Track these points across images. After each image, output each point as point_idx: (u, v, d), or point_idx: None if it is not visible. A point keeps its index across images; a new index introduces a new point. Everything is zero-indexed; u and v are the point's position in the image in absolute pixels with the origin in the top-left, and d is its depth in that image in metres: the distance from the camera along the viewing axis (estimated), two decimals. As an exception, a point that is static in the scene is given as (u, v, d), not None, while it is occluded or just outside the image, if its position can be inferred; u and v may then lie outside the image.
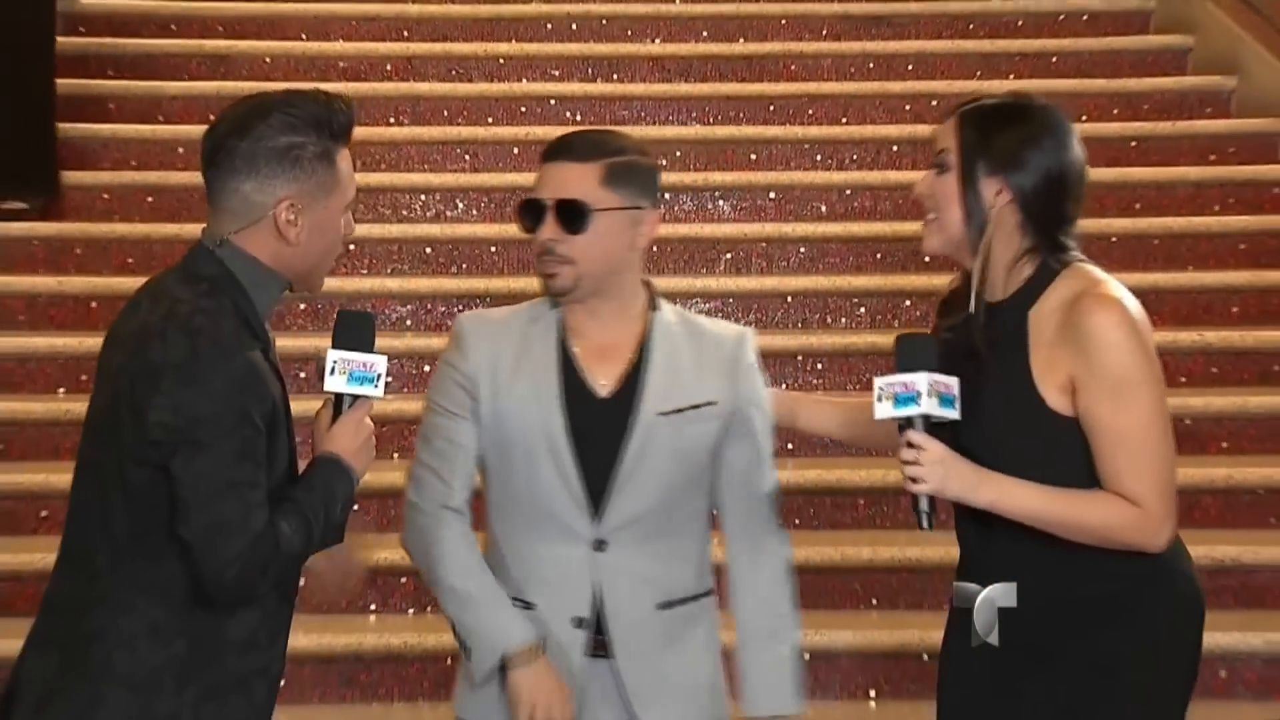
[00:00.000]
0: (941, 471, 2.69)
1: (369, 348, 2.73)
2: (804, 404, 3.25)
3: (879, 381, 2.72)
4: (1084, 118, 6.87)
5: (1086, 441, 2.73)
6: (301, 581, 2.77)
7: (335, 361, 2.72)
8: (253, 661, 2.65)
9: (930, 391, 2.68)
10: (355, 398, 2.73)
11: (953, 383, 2.71)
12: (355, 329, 2.75)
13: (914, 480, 2.69)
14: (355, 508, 2.80)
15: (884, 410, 2.71)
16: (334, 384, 2.72)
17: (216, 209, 2.66)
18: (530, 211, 2.96)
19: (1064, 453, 2.74)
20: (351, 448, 2.71)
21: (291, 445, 2.69)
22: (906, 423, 2.71)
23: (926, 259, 5.56)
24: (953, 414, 2.70)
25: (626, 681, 2.94)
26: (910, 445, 2.69)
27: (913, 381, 2.69)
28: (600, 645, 2.96)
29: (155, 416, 2.51)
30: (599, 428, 2.92)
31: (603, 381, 2.96)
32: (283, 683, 2.82)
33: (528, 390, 2.94)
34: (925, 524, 2.73)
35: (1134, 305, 2.78)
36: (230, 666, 2.61)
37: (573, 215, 2.91)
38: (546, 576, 2.95)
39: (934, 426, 2.72)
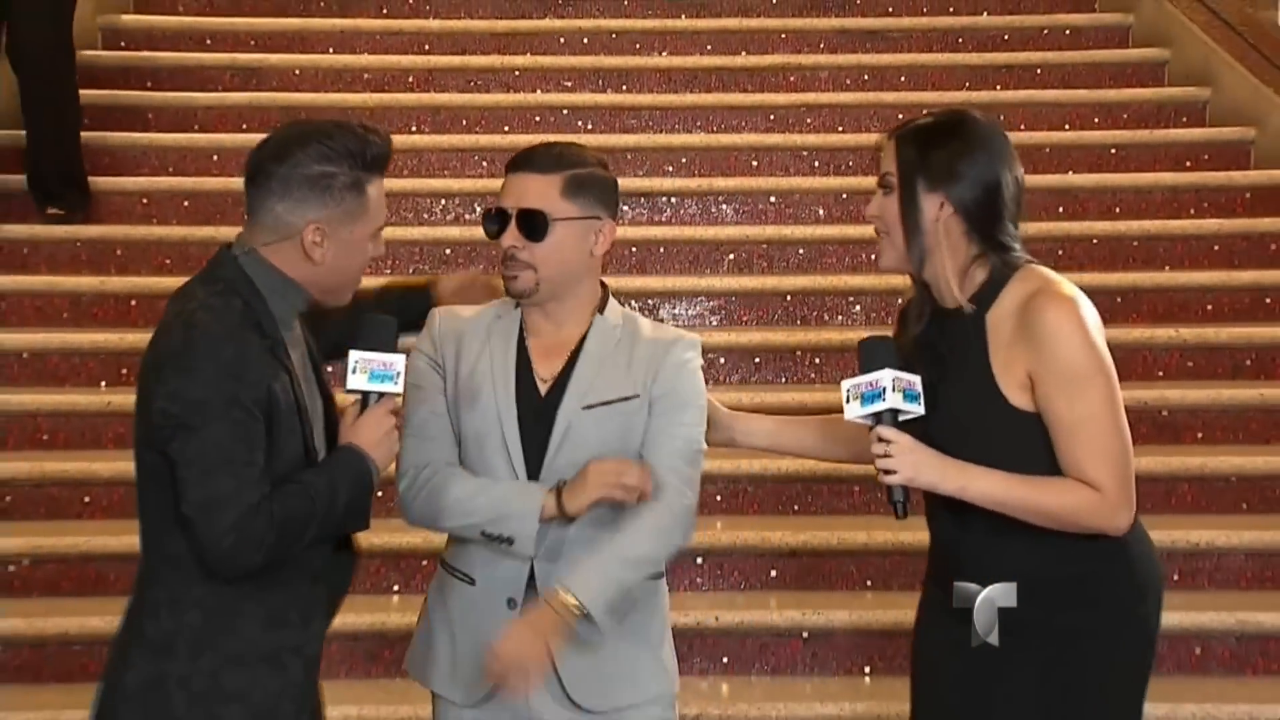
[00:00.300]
0: (912, 461, 2.70)
1: (390, 349, 2.77)
2: (779, 425, 3.20)
3: (846, 384, 2.73)
4: (1067, 126, 6.88)
5: (1041, 436, 2.74)
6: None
7: (356, 361, 2.76)
8: (284, 638, 2.69)
9: (895, 387, 2.70)
10: (379, 395, 2.76)
11: (915, 380, 2.72)
12: (377, 331, 2.79)
13: (887, 472, 2.70)
14: (380, 494, 2.82)
15: (853, 410, 2.73)
16: (355, 382, 2.76)
17: (252, 222, 2.73)
18: (494, 219, 2.97)
19: (1026, 446, 2.75)
20: (371, 439, 2.75)
21: (306, 436, 2.72)
22: (875, 420, 2.72)
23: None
24: (918, 409, 2.71)
25: (561, 666, 2.91)
26: (881, 440, 2.70)
27: (877, 379, 2.70)
28: None
29: (157, 404, 2.61)
30: (538, 419, 2.95)
31: (544, 377, 2.98)
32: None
33: (485, 380, 2.97)
34: (900, 512, 2.75)
35: (1085, 302, 2.79)
36: (253, 639, 2.67)
37: (533, 224, 2.93)
38: (488, 556, 2.95)
39: (902, 423, 2.73)
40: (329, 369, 2.90)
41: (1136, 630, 2.85)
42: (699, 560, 4.93)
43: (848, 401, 2.72)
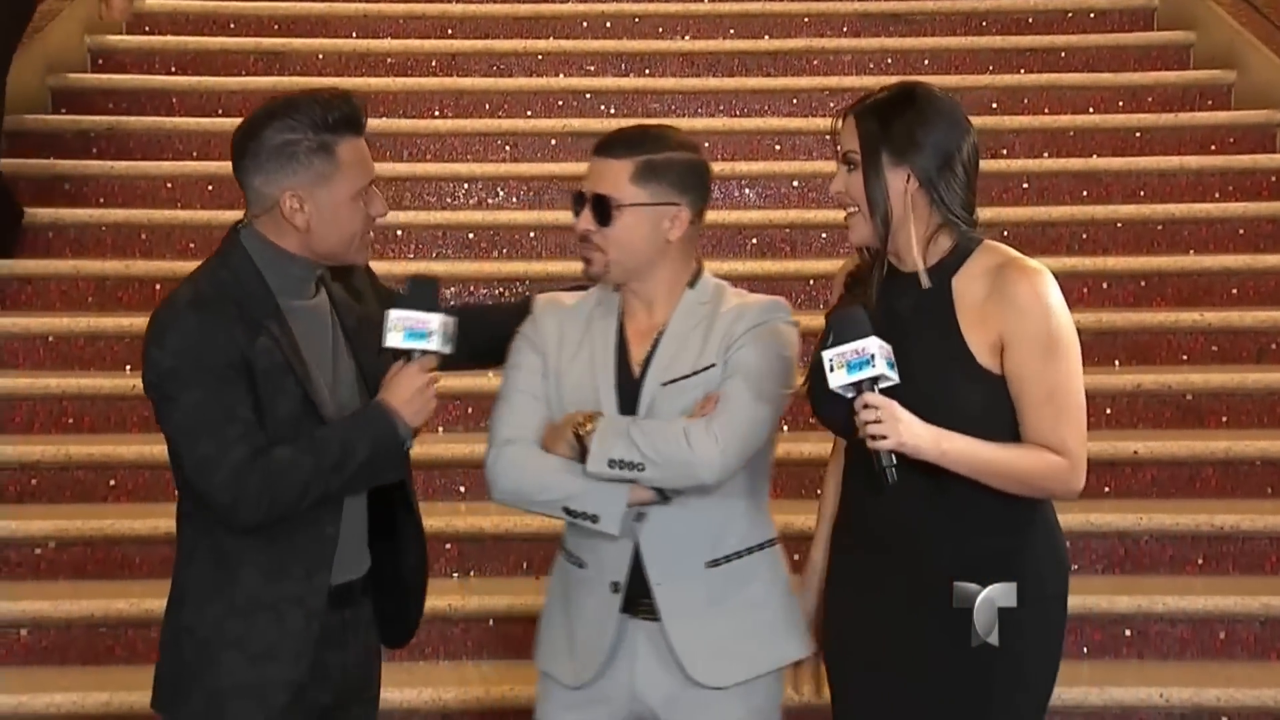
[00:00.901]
0: (903, 429, 2.70)
1: (429, 308, 2.81)
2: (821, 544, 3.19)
3: (828, 354, 2.70)
4: (1091, 110, 6.85)
5: (1005, 400, 2.78)
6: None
7: (394, 320, 2.80)
8: (285, 590, 2.78)
9: (881, 355, 2.69)
10: (421, 353, 2.80)
11: (889, 347, 2.71)
12: (418, 292, 2.83)
13: (875, 438, 2.70)
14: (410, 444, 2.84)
15: (838, 379, 2.70)
16: (391, 340, 2.81)
17: (246, 198, 2.86)
18: (576, 200, 3.00)
19: (993, 406, 2.79)
20: (403, 397, 2.80)
21: (308, 395, 2.77)
22: (856, 390, 2.71)
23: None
24: (896, 376, 2.71)
25: (674, 643, 2.94)
26: (868, 406, 2.70)
27: (864, 346, 2.69)
28: (649, 608, 2.96)
29: (144, 376, 2.77)
30: (631, 400, 2.96)
31: (637, 359, 2.99)
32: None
33: (585, 364, 2.99)
34: (891, 478, 2.72)
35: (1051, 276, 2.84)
36: (254, 590, 2.77)
37: (601, 209, 2.94)
38: (594, 541, 2.97)
39: (881, 391, 2.73)
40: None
41: (1055, 598, 2.90)
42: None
43: (831, 371, 2.70)
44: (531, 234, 6.17)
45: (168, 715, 2.87)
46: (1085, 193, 6.37)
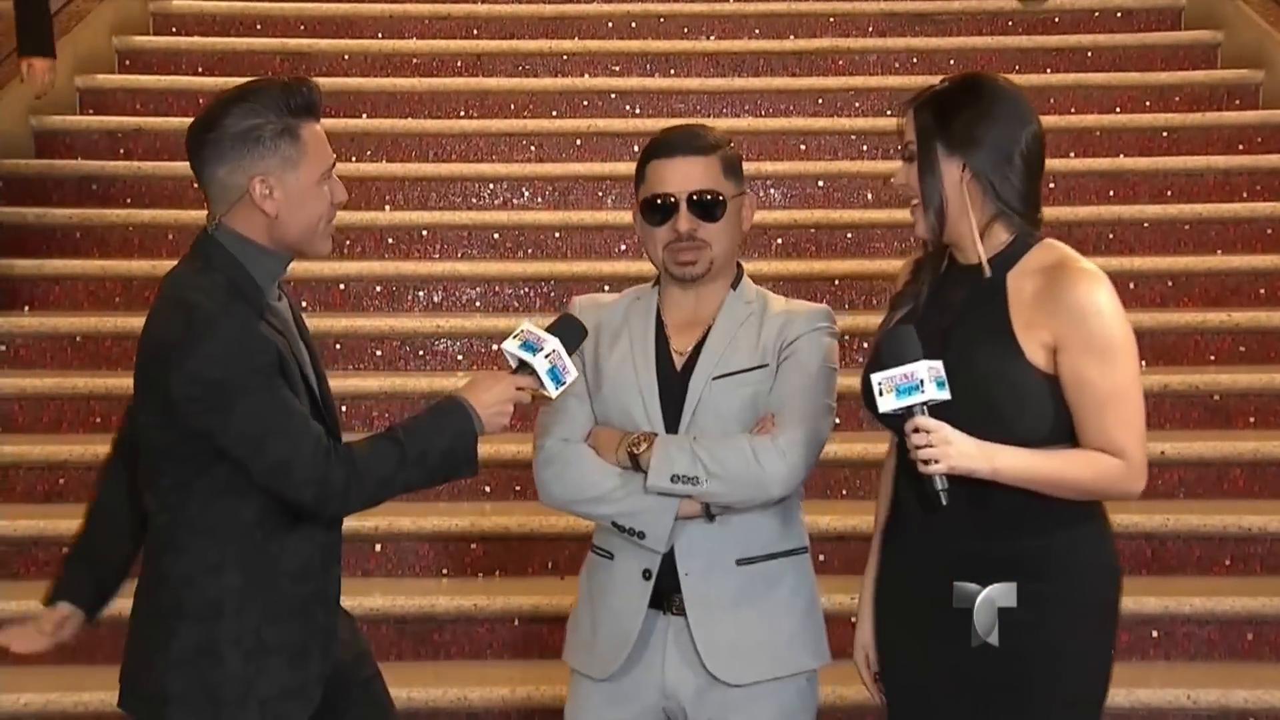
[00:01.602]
0: (953, 451, 2.69)
1: (570, 346, 2.82)
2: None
3: (876, 377, 2.71)
4: (1118, 109, 6.82)
5: (1055, 398, 2.75)
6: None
7: (522, 329, 2.82)
8: (309, 589, 2.79)
9: (930, 378, 2.68)
10: (522, 367, 2.81)
11: (939, 365, 2.70)
12: (565, 328, 2.84)
13: (928, 462, 2.69)
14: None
15: (887, 403, 2.70)
16: (510, 345, 2.82)
17: (208, 196, 2.81)
18: (657, 207, 3.00)
19: (1035, 405, 2.75)
20: (488, 400, 2.79)
21: (313, 393, 2.78)
22: (907, 412, 2.71)
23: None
24: (946, 395, 2.70)
25: (697, 637, 2.96)
26: (918, 430, 2.69)
27: (913, 371, 2.69)
28: (677, 604, 2.98)
29: (177, 391, 2.66)
30: (674, 392, 3.00)
31: (679, 351, 3.04)
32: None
33: (625, 356, 3.03)
34: (944, 501, 2.72)
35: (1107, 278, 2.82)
36: (287, 593, 2.75)
37: (708, 205, 2.99)
38: (636, 523, 2.98)
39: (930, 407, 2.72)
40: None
41: (1107, 605, 2.87)
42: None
43: (880, 395, 2.70)
44: (556, 234, 6.17)
45: None
46: (1112, 193, 6.35)
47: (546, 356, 2.79)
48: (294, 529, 2.74)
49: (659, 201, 3.00)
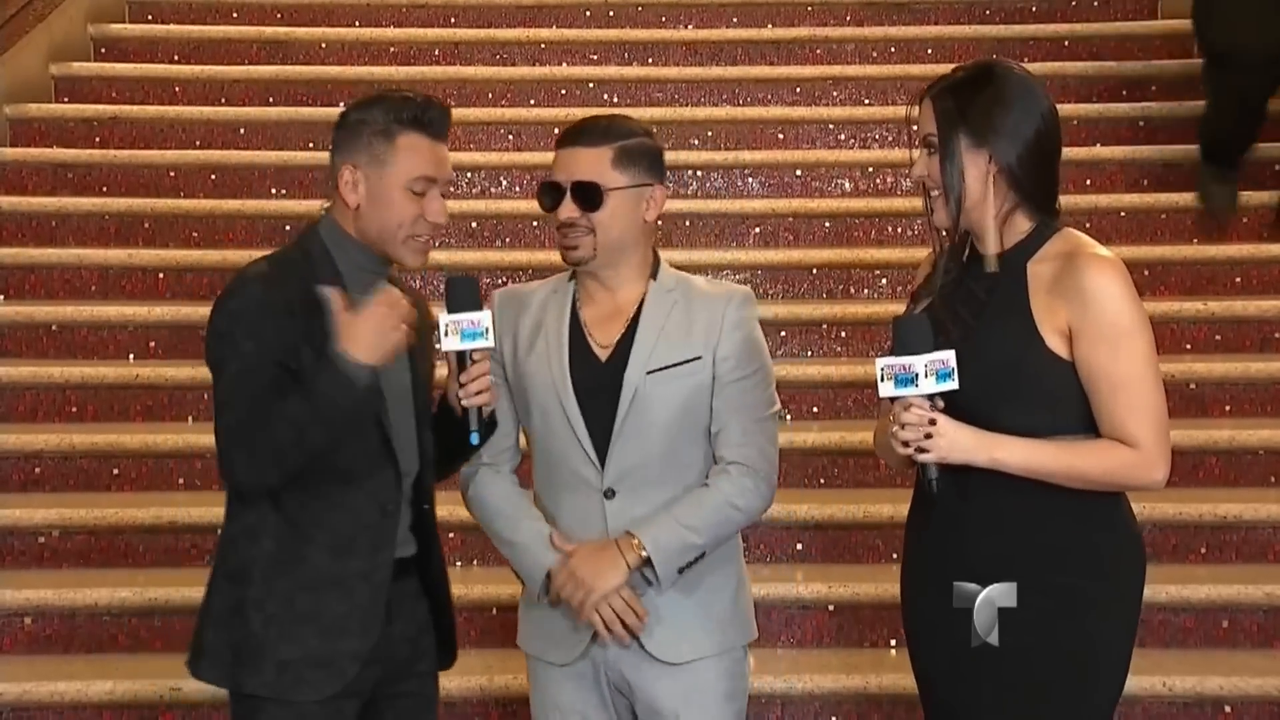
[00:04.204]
0: (946, 442, 2.70)
1: (475, 306, 2.89)
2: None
3: (880, 362, 2.73)
4: (1095, 98, 6.83)
5: (1076, 386, 2.75)
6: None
7: (447, 324, 2.87)
8: (351, 566, 2.87)
9: (927, 372, 2.69)
10: (468, 358, 2.89)
11: (949, 356, 2.70)
12: (461, 292, 2.90)
13: (921, 450, 2.70)
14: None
15: (886, 389, 2.73)
16: (449, 344, 2.88)
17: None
18: (549, 192, 3.08)
19: (1057, 392, 2.76)
20: (360, 339, 2.76)
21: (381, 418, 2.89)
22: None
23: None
24: (950, 385, 2.70)
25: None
26: (905, 426, 2.70)
27: (910, 364, 2.70)
28: None
29: (205, 348, 2.86)
30: (600, 386, 3.05)
31: (603, 344, 3.07)
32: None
33: (540, 353, 3.08)
34: (935, 490, 2.73)
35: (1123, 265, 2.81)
36: (323, 566, 2.86)
37: (588, 195, 3.03)
38: (568, 525, 3.08)
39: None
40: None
41: (1130, 591, 2.87)
42: (725, 533, 4.91)
43: (881, 380, 2.72)
44: (535, 223, 6.16)
45: (228, 684, 2.90)
46: (1089, 181, 6.36)
47: (487, 330, 2.87)
48: (334, 506, 2.85)
49: (548, 187, 3.08)
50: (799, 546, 4.94)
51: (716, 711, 3.10)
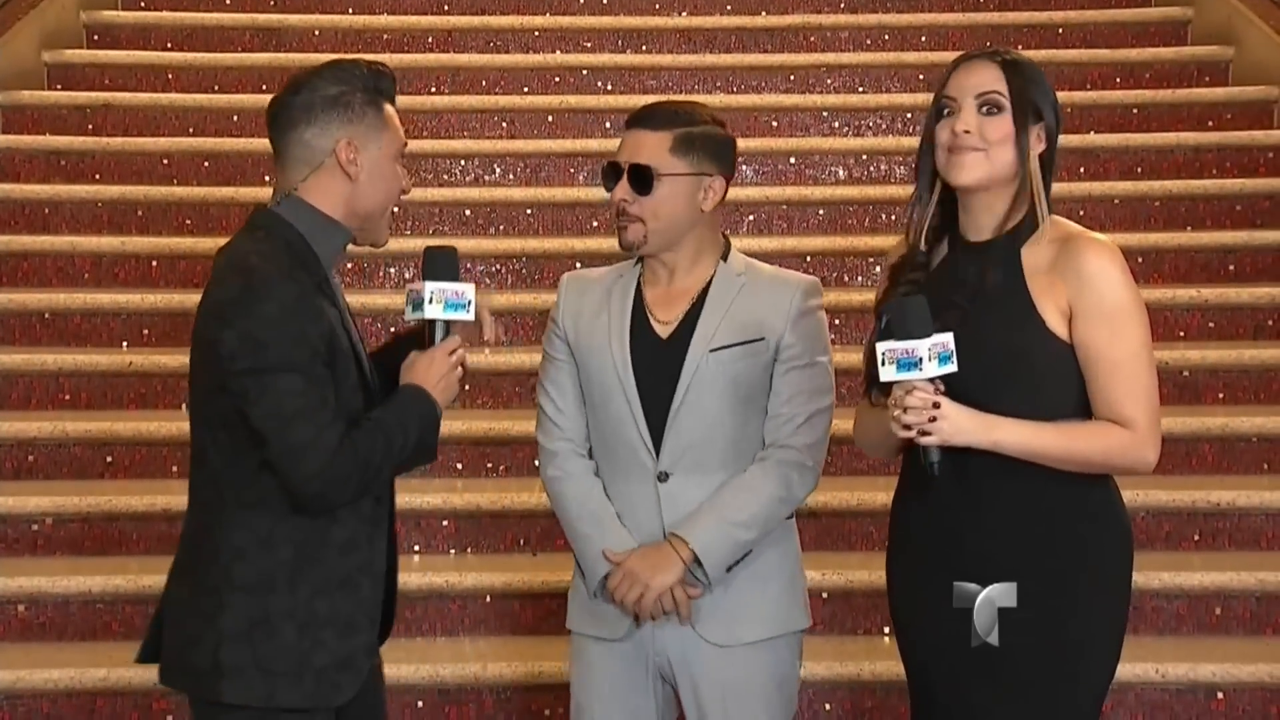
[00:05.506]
0: (949, 425, 2.70)
1: (458, 278, 2.84)
2: None
3: (881, 347, 2.72)
4: (1088, 86, 6.83)
5: (1072, 368, 2.78)
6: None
7: (432, 291, 2.81)
8: (356, 560, 2.80)
9: (930, 356, 2.69)
10: (446, 329, 2.83)
11: (948, 339, 2.70)
12: (443, 262, 2.84)
13: (923, 434, 2.69)
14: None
15: (888, 373, 2.72)
16: (432, 312, 2.81)
17: (283, 163, 2.78)
18: (610, 173, 3.08)
19: (1058, 373, 2.78)
20: (432, 381, 2.81)
21: (363, 374, 2.79)
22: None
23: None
24: (951, 368, 2.70)
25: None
26: (908, 410, 2.70)
27: (914, 348, 2.70)
28: None
29: (225, 349, 2.65)
30: (659, 366, 3.05)
31: (664, 321, 3.07)
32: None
33: (603, 332, 3.08)
34: (936, 473, 2.73)
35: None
36: (335, 566, 2.77)
37: (642, 179, 3.03)
38: (626, 508, 3.08)
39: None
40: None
41: (1120, 577, 2.89)
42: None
43: (883, 365, 2.71)
44: (528, 211, 6.15)
45: (265, 700, 2.73)
46: (1082, 169, 6.36)
47: (469, 304, 2.82)
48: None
49: (609, 167, 3.08)
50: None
51: (765, 699, 3.08)
